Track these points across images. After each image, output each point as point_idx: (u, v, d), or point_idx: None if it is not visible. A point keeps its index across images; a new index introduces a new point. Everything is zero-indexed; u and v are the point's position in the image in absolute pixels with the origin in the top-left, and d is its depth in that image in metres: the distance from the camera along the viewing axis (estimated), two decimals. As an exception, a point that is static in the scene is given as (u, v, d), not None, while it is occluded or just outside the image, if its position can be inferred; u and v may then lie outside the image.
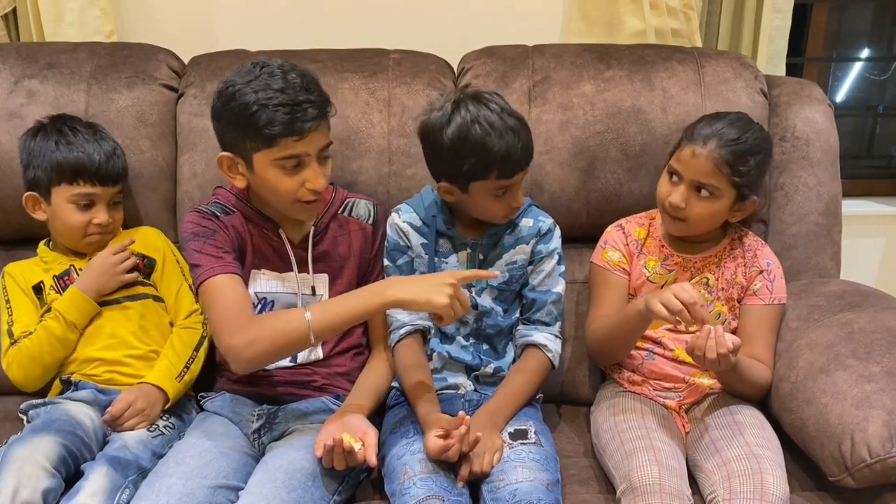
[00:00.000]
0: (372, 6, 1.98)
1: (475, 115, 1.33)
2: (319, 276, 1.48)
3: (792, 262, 1.67)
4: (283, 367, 1.47)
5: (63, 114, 1.57)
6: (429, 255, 1.47)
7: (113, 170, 1.49)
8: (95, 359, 1.49)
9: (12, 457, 1.26)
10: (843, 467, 1.24)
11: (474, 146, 1.33)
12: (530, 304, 1.51)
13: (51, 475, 1.26)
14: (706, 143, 1.39)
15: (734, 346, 1.27)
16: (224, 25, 1.99)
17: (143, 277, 1.55)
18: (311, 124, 1.29)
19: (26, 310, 1.51)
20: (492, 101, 1.36)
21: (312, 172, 1.33)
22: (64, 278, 1.52)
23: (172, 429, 1.44)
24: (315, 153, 1.33)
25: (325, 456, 1.25)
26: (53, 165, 1.46)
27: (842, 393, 1.29)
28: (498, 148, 1.33)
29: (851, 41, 2.46)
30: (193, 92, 1.68)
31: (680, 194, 1.42)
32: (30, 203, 1.52)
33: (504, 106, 1.37)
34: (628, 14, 1.92)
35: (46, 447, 1.29)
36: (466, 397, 1.47)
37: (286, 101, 1.27)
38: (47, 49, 1.72)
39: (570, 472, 1.38)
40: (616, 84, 1.67)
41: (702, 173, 1.40)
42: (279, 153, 1.30)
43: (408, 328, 1.47)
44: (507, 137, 1.33)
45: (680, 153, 1.43)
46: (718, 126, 1.40)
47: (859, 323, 1.41)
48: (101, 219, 1.48)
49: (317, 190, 1.34)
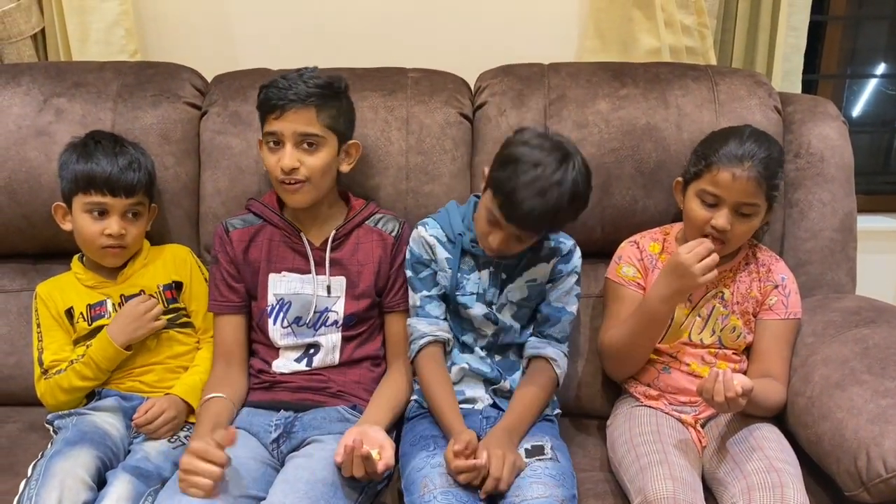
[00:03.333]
0: (391, 26, 2.01)
1: (535, 160, 1.31)
2: (337, 278, 1.53)
3: (807, 278, 1.67)
4: (298, 373, 1.51)
5: (99, 130, 1.60)
6: (452, 269, 1.49)
7: (125, 181, 1.49)
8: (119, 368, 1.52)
9: (53, 470, 1.30)
10: (859, 482, 1.24)
11: (507, 181, 1.31)
12: (545, 319, 1.52)
13: (89, 488, 1.30)
14: (743, 163, 1.40)
15: (744, 390, 1.26)
16: (246, 45, 2.02)
17: (176, 302, 1.58)
18: (287, 105, 1.42)
19: (56, 336, 1.54)
20: (572, 161, 1.33)
21: (284, 152, 1.45)
22: (97, 308, 1.54)
23: None
24: (290, 134, 1.44)
25: (344, 460, 1.27)
26: (72, 175, 1.50)
27: (857, 408, 1.29)
28: (519, 198, 1.30)
29: (867, 57, 2.46)
30: (216, 110, 1.72)
31: (725, 218, 1.41)
32: (58, 213, 1.56)
33: (573, 176, 1.32)
34: (643, 32, 1.93)
35: (85, 460, 1.33)
36: (484, 413, 1.47)
37: (278, 84, 1.44)
38: (75, 68, 1.77)
39: (586, 486, 1.39)
40: (631, 102, 1.68)
41: (745, 194, 1.41)
42: (264, 129, 1.48)
43: (428, 338, 1.48)
44: (535, 200, 1.29)
45: (715, 177, 1.42)
46: (748, 145, 1.41)
47: (875, 339, 1.42)
48: (113, 229, 1.49)
49: (283, 168, 1.44)
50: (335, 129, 1.48)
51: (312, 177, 1.46)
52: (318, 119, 1.45)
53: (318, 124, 1.45)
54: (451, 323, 1.53)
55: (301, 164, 1.44)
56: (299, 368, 1.51)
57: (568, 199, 1.32)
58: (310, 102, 1.43)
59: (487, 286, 1.49)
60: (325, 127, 1.46)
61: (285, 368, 1.52)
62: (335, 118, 1.48)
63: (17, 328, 1.69)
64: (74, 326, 1.54)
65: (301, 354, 1.52)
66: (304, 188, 1.47)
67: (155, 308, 1.51)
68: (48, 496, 1.25)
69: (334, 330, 1.52)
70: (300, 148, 1.45)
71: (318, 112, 1.45)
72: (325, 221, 1.55)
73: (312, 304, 1.51)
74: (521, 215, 1.32)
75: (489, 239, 1.39)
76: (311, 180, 1.46)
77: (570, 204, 1.33)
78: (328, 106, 1.46)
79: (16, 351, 1.68)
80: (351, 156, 1.55)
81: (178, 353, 1.56)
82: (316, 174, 1.46)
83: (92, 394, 1.53)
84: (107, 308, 1.54)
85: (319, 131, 1.45)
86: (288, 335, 1.53)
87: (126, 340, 1.47)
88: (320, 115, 1.45)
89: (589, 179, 1.37)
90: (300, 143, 1.45)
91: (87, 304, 1.54)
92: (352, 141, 1.55)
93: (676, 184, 1.57)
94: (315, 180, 1.47)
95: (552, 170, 1.30)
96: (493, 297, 1.49)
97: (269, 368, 1.52)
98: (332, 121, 1.47)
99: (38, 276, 1.69)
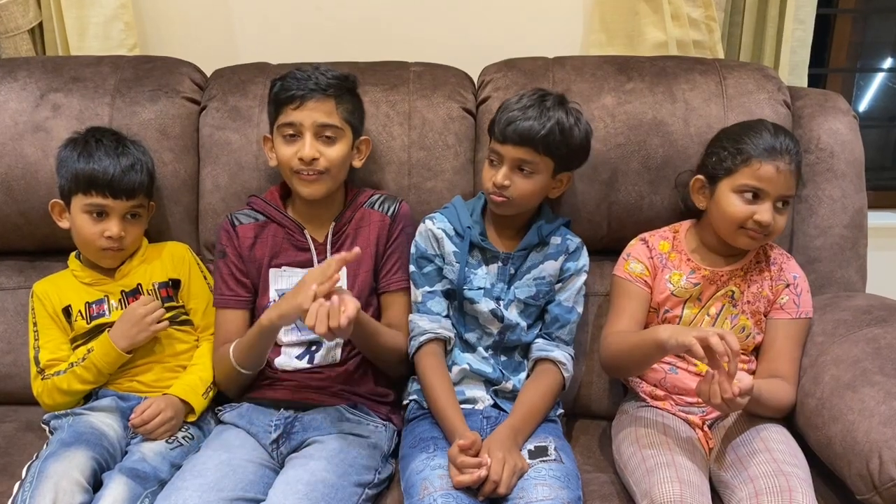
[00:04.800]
0: (392, 19, 1.99)
1: (535, 92, 1.45)
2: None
3: (817, 276, 1.65)
4: (300, 370, 1.50)
5: (100, 127, 1.58)
6: (460, 263, 1.48)
7: (127, 184, 1.47)
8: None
9: (48, 472, 1.28)
10: (871, 486, 1.22)
11: (502, 111, 1.44)
12: (554, 320, 1.50)
13: (84, 490, 1.28)
14: (784, 156, 1.40)
15: (742, 390, 1.23)
16: (246, 39, 2.01)
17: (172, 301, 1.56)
18: (307, 95, 1.43)
19: (52, 335, 1.52)
20: (567, 104, 1.45)
21: (304, 143, 1.44)
22: (95, 307, 1.52)
23: (191, 439, 1.45)
24: (310, 125, 1.44)
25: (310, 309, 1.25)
26: (72, 175, 1.47)
27: (869, 410, 1.27)
28: (512, 113, 1.41)
29: (876, 51, 2.44)
30: (216, 105, 1.70)
31: (768, 212, 1.41)
32: (55, 210, 1.54)
33: (571, 108, 1.45)
34: (649, 25, 1.91)
35: (80, 462, 1.32)
36: (485, 413, 1.46)
37: (295, 75, 1.46)
38: (72, 63, 1.75)
39: (590, 487, 1.37)
40: (637, 96, 1.66)
41: (787, 187, 1.41)
42: (280, 120, 1.47)
43: (428, 335, 1.47)
44: (525, 110, 1.40)
45: (757, 171, 1.40)
46: (782, 139, 1.42)
47: (887, 338, 1.39)
48: (113, 231, 1.47)
49: (304, 158, 1.44)
50: (351, 123, 1.50)
51: (332, 168, 1.47)
52: (338, 111, 1.47)
53: (338, 116, 1.47)
54: (455, 320, 1.52)
55: (321, 154, 1.45)
56: (301, 366, 1.50)
57: (560, 126, 1.40)
58: (330, 93, 1.45)
59: (495, 281, 1.49)
60: (343, 120, 1.48)
61: (287, 366, 1.50)
62: (352, 112, 1.50)
63: (13, 326, 1.68)
64: (72, 325, 1.52)
65: (303, 351, 1.51)
66: (322, 179, 1.47)
67: (156, 311, 1.47)
68: (42, 499, 1.23)
69: None
70: (319, 139, 1.45)
71: (337, 104, 1.47)
72: (327, 215, 1.55)
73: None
74: (515, 130, 1.39)
75: (497, 176, 1.42)
76: (329, 172, 1.47)
77: (562, 133, 1.40)
78: (345, 99, 1.48)
79: (13, 349, 1.66)
80: (362, 152, 1.57)
81: (176, 352, 1.54)
82: (335, 166, 1.47)
83: (89, 394, 1.51)
84: (106, 306, 1.52)
85: (339, 123, 1.47)
86: (291, 331, 1.51)
87: (129, 345, 1.45)
88: (339, 107, 1.47)
89: (585, 122, 1.47)
90: (319, 134, 1.45)
91: (85, 301, 1.53)
92: (363, 137, 1.56)
93: (696, 181, 1.52)
94: (333, 172, 1.47)
95: (548, 104, 1.42)
96: (500, 293, 1.49)
97: (270, 365, 1.51)
98: (349, 115, 1.49)
99: (35, 274, 1.68)
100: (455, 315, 1.52)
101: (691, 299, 1.50)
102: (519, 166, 1.42)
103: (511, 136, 1.40)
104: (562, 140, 1.41)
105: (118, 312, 1.51)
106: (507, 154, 1.41)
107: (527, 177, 1.42)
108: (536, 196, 1.47)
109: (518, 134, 1.39)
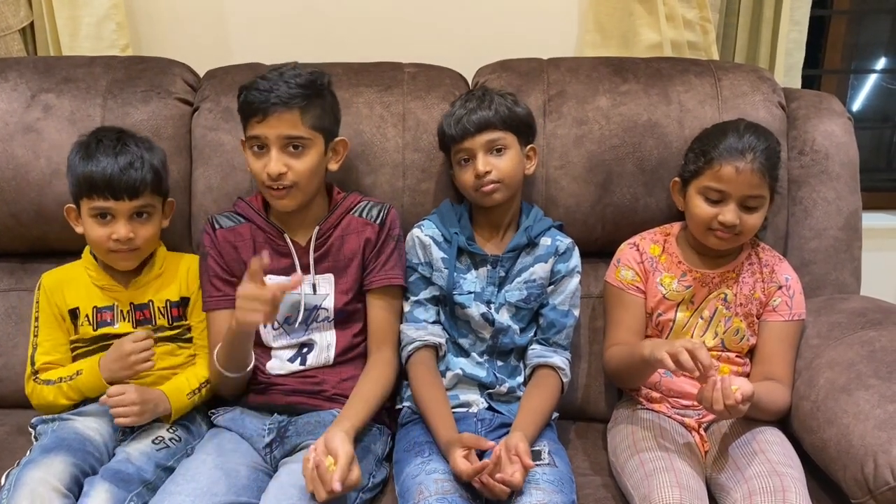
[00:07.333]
0: (387, 20, 1.98)
1: (465, 93, 1.57)
2: (324, 275, 1.50)
3: (811, 278, 1.65)
4: (293, 374, 1.48)
5: (105, 127, 1.55)
6: (448, 269, 1.47)
7: (127, 183, 1.42)
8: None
9: (25, 479, 1.25)
10: (866, 490, 1.21)
11: (444, 116, 1.53)
12: (549, 325, 1.50)
13: (63, 496, 1.26)
14: (745, 156, 1.39)
15: (744, 397, 1.24)
16: (239, 39, 1.99)
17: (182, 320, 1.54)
18: (269, 108, 1.37)
19: (52, 335, 1.49)
20: (495, 93, 1.51)
21: (270, 158, 1.40)
22: (103, 314, 1.49)
23: (178, 441, 1.43)
24: (275, 139, 1.39)
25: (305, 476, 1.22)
26: (75, 178, 1.44)
27: (864, 413, 1.27)
28: (458, 112, 1.47)
29: (869, 52, 2.44)
30: (208, 106, 1.69)
31: (732, 212, 1.41)
32: (71, 216, 1.50)
33: (502, 92, 1.53)
34: (644, 27, 1.91)
35: (58, 468, 1.29)
36: (479, 416, 1.46)
37: (258, 86, 1.39)
38: (64, 63, 1.73)
39: (585, 490, 1.37)
40: (632, 98, 1.65)
41: (750, 186, 1.40)
42: (247, 132, 1.43)
43: (417, 343, 1.47)
44: (467, 106, 1.47)
45: (718, 172, 1.40)
46: (747, 138, 1.41)
47: (881, 341, 1.39)
48: (120, 233, 1.43)
49: (270, 174, 1.40)
50: (321, 129, 1.44)
51: (300, 181, 1.42)
52: (303, 121, 1.40)
53: (304, 126, 1.40)
54: (447, 325, 1.51)
55: (288, 168, 1.40)
56: (293, 369, 1.49)
57: (504, 104, 1.47)
58: (293, 104, 1.38)
59: (485, 284, 1.48)
60: (311, 128, 1.41)
61: (279, 370, 1.49)
62: (320, 118, 1.43)
63: (3, 329, 1.67)
64: (77, 328, 1.49)
65: (294, 354, 1.50)
66: (291, 193, 1.43)
67: (143, 352, 1.40)
68: None
69: (327, 326, 1.50)
70: (286, 151, 1.40)
71: (303, 113, 1.40)
72: (310, 219, 1.51)
73: (301, 304, 1.48)
74: (469, 121, 1.45)
75: (478, 165, 1.45)
76: (298, 185, 1.42)
77: (509, 109, 1.47)
78: (312, 106, 1.41)
79: (3, 353, 1.65)
80: (339, 153, 1.51)
81: (172, 365, 1.51)
82: (303, 178, 1.42)
83: (79, 397, 1.49)
84: (114, 314, 1.49)
85: (305, 133, 1.41)
86: (280, 336, 1.50)
87: (110, 378, 1.40)
88: (305, 116, 1.40)
89: (520, 99, 1.56)
90: (286, 147, 1.40)
91: (94, 306, 1.49)
92: (339, 138, 1.51)
93: (674, 184, 1.54)
94: (302, 185, 1.43)
95: (483, 94, 1.51)
96: (490, 296, 1.48)
97: (262, 370, 1.50)
98: (318, 120, 1.43)
99: (25, 276, 1.67)
100: (447, 320, 1.51)
101: (684, 302, 1.49)
102: (490, 149, 1.46)
103: (469, 128, 1.45)
104: (511, 114, 1.47)
105: (124, 325, 1.49)
106: (474, 144, 1.45)
107: (502, 154, 1.46)
108: (518, 172, 1.49)
109: (474, 122, 1.45)
